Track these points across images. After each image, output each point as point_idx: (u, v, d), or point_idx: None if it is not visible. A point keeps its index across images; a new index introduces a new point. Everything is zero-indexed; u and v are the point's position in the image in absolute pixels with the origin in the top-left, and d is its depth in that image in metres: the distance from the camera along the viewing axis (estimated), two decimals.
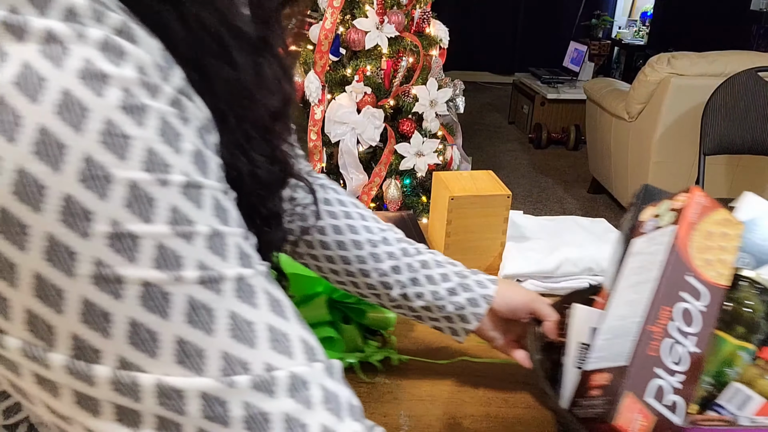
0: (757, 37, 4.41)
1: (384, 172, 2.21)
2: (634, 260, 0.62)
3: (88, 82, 0.27)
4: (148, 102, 0.29)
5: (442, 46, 2.30)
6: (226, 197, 0.33)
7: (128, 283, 0.28)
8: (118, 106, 0.28)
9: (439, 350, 0.83)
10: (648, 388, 0.51)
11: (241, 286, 0.31)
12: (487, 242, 1.03)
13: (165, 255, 0.28)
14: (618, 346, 0.54)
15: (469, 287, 0.69)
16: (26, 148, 0.26)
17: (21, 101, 0.26)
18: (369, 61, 2.17)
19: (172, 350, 0.28)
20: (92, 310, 0.27)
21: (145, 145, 0.28)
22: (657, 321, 0.53)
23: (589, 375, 0.56)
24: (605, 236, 1.09)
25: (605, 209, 3.42)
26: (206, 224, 0.30)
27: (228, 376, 0.29)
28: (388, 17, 2.14)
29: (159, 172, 0.28)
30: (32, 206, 0.26)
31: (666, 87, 2.65)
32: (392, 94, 2.21)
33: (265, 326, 0.31)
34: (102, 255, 0.27)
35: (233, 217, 0.32)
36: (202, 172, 0.31)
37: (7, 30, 0.27)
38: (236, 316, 0.30)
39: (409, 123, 2.21)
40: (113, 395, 0.28)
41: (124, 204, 0.27)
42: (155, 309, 0.28)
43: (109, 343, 0.28)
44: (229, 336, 0.29)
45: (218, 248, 0.30)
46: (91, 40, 0.28)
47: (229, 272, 0.30)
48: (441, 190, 1.04)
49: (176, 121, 0.30)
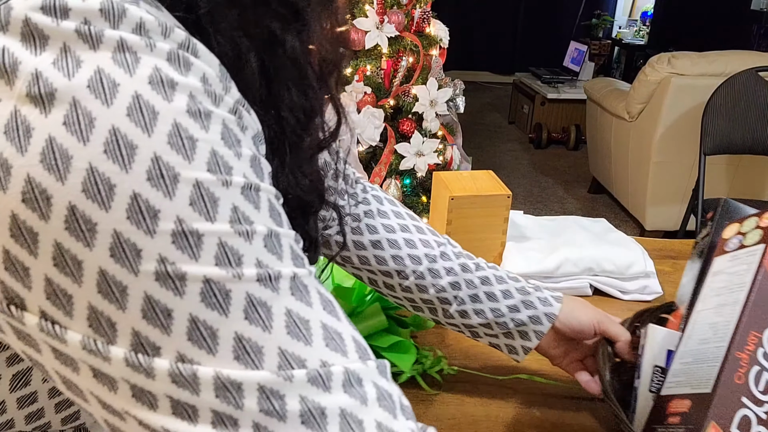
0: (757, 37, 4.40)
1: (384, 171, 2.21)
2: (716, 280, 0.59)
3: (158, 87, 0.29)
4: (212, 108, 0.31)
5: (442, 45, 2.30)
6: (278, 201, 0.34)
7: (190, 280, 0.28)
8: (185, 110, 0.29)
9: (495, 365, 0.79)
10: (734, 418, 0.48)
11: (296, 285, 0.31)
12: (487, 242, 1.03)
13: (226, 253, 0.29)
14: (698, 371, 0.52)
15: (531, 304, 0.67)
16: (98, 147, 0.27)
17: (94, 103, 0.27)
18: (369, 61, 2.17)
19: (230, 346, 0.29)
20: (154, 306, 0.28)
21: (210, 148, 0.30)
22: (744, 347, 0.51)
23: (665, 400, 0.54)
24: (605, 236, 1.09)
25: (605, 209, 3.42)
26: (264, 224, 0.31)
27: (285, 370, 0.29)
28: (388, 17, 2.14)
29: (222, 173, 0.30)
30: (101, 204, 0.27)
31: (666, 87, 2.65)
32: (392, 94, 2.21)
33: (320, 324, 0.31)
34: (166, 252, 0.28)
35: (285, 220, 0.34)
36: (258, 175, 0.32)
37: (81, 38, 0.28)
38: (292, 313, 0.31)
39: (409, 123, 2.21)
40: (171, 388, 0.28)
41: (189, 202, 0.29)
42: (215, 305, 0.29)
43: (170, 339, 0.28)
44: (286, 333, 0.30)
45: (275, 248, 0.31)
46: (160, 50, 0.29)
47: (286, 270, 0.31)
48: (441, 190, 1.04)
49: (236, 127, 0.32)
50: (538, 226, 1.13)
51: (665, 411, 0.53)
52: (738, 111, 2.12)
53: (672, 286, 1.00)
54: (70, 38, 0.28)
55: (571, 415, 0.72)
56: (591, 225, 1.14)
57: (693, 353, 0.55)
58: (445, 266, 0.67)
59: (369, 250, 0.67)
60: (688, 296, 0.64)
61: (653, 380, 0.59)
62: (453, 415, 0.72)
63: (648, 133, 2.78)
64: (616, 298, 0.98)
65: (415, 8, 2.22)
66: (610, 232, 1.11)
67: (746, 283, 0.54)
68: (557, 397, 0.76)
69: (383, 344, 0.73)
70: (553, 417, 0.72)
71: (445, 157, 2.28)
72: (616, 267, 0.98)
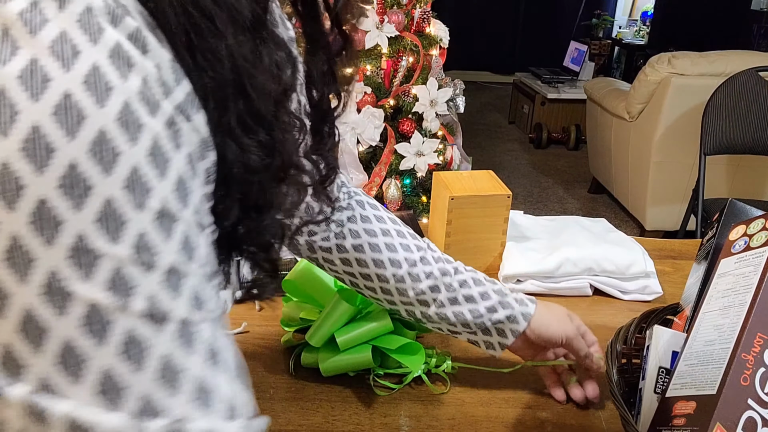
0: (757, 37, 4.40)
1: (384, 171, 2.21)
2: (722, 282, 0.59)
3: (92, 88, 0.27)
4: (145, 120, 0.28)
5: (442, 45, 2.30)
6: (201, 233, 0.32)
7: (76, 301, 0.27)
8: (115, 118, 0.27)
9: (497, 365, 0.79)
10: (739, 420, 0.48)
11: (183, 330, 0.30)
12: (487, 242, 1.03)
13: (120, 279, 0.28)
14: (704, 373, 0.52)
15: (509, 304, 0.70)
16: (15, 144, 0.26)
17: (21, 97, 0.26)
18: (369, 61, 2.17)
19: (96, 379, 0.28)
20: (32, 321, 0.27)
21: (132, 164, 0.28)
22: (751, 348, 0.51)
23: (671, 402, 0.54)
24: (605, 236, 1.09)
25: (605, 209, 3.42)
26: (169, 258, 0.29)
27: (141, 418, 0.28)
28: (388, 17, 2.14)
29: (139, 194, 0.28)
30: (7, 203, 0.26)
31: (666, 87, 2.65)
32: (392, 94, 2.21)
33: (193, 376, 0.30)
34: (59, 266, 0.27)
35: (200, 256, 0.31)
36: (181, 202, 0.30)
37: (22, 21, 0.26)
38: (168, 358, 0.29)
39: (409, 123, 2.21)
40: (22, 420, 0.27)
41: (96, 218, 0.27)
42: (93, 333, 0.27)
43: (38, 359, 0.27)
44: (155, 378, 0.29)
45: (173, 285, 0.30)
46: (103, 45, 0.27)
47: (177, 312, 0.30)
48: (441, 190, 1.04)
49: (169, 144, 0.29)
50: (538, 226, 1.13)
51: (670, 412, 0.53)
52: (738, 111, 2.12)
53: (672, 286, 1.00)
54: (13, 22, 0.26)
55: (572, 416, 0.72)
56: (591, 225, 1.14)
57: (698, 355, 0.55)
58: (425, 270, 0.69)
59: (351, 254, 0.69)
60: (694, 298, 0.64)
61: (658, 381, 0.59)
62: (453, 415, 0.72)
63: (648, 133, 2.78)
64: (616, 298, 0.98)
65: (415, 8, 2.22)
66: (610, 232, 1.11)
67: (753, 284, 0.54)
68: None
69: (392, 346, 0.74)
70: (554, 417, 0.72)
71: (445, 157, 2.27)
72: (616, 267, 0.98)
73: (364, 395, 0.74)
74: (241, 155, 0.35)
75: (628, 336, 0.69)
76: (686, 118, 2.65)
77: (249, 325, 0.85)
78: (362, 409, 0.72)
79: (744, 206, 0.68)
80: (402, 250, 0.69)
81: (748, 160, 2.68)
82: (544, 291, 0.97)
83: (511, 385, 0.77)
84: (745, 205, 0.68)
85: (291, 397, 0.73)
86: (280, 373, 0.77)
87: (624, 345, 0.68)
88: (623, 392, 0.61)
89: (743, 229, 0.62)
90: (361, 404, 0.73)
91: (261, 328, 0.85)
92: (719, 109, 2.11)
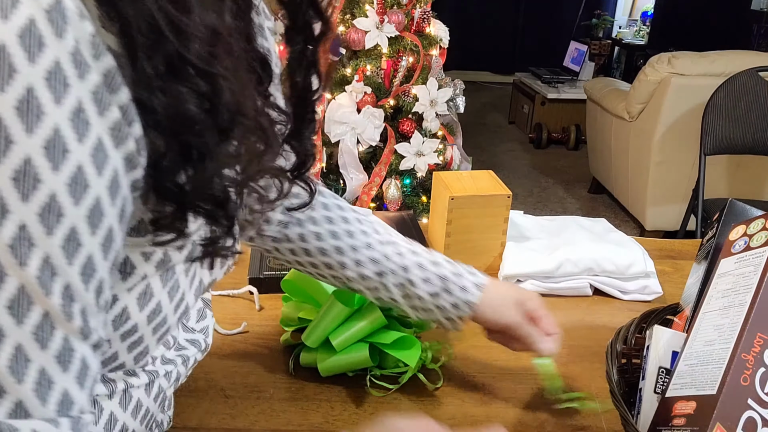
0: (757, 37, 4.40)
1: (384, 171, 2.21)
2: (721, 282, 0.59)
3: (26, 42, 0.27)
4: (73, 81, 0.29)
5: (442, 45, 2.29)
6: (112, 203, 0.32)
7: None
8: (44, 77, 0.28)
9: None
10: (739, 420, 0.48)
11: (43, 323, 0.31)
12: (487, 242, 1.03)
13: (22, 240, 0.29)
14: (704, 373, 0.52)
15: (451, 292, 0.67)
16: None
17: None
18: (369, 61, 2.17)
19: None
20: None
21: (54, 124, 0.28)
22: (751, 348, 0.51)
23: (670, 402, 0.54)
24: (605, 236, 1.09)
25: (605, 209, 3.42)
26: (70, 224, 0.30)
27: None
28: (388, 17, 2.14)
29: (57, 155, 0.29)
30: None
31: (666, 87, 2.65)
32: (392, 94, 2.21)
33: (39, 368, 0.31)
34: None
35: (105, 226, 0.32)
36: (97, 168, 0.31)
37: None
38: (20, 348, 0.30)
39: (409, 123, 2.21)
40: None
41: (11, 176, 0.28)
42: None
43: None
44: (5, 365, 0.30)
45: (47, 279, 0.30)
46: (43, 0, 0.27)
47: (47, 303, 0.30)
48: (441, 190, 1.04)
49: (92, 108, 0.30)
50: (538, 226, 1.13)
51: (670, 412, 0.53)
52: (738, 111, 2.12)
53: (672, 286, 1.00)
54: None
55: (572, 416, 0.72)
56: (591, 225, 1.14)
57: (698, 355, 0.55)
58: (369, 256, 0.67)
59: (296, 243, 0.68)
60: (694, 298, 0.64)
61: (658, 381, 0.59)
62: (453, 415, 0.72)
63: (648, 133, 2.78)
64: (616, 298, 0.98)
65: (415, 8, 2.22)
66: (610, 232, 1.11)
67: (753, 284, 0.54)
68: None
69: (386, 341, 0.73)
70: (554, 417, 0.72)
71: (445, 157, 2.27)
72: (616, 267, 0.98)
73: (364, 395, 0.74)
74: (173, 104, 0.33)
75: (628, 336, 0.69)
76: (686, 118, 2.65)
77: (249, 325, 0.85)
78: (362, 409, 0.72)
79: (744, 206, 0.68)
80: (347, 238, 0.68)
81: (748, 160, 2.68)
82: (544, 291, 0.97)
83: (511, 385, 0.77)
84: (745, 205, 0.68)
85: (290, 397, 0.73)
86: (280, 372, 0.77)
87: (624, 345, 0.67)
88: (623, 392, 0.61)
89: (743, 229, 0.62)
90: (361, 404, 0.73)
91: (261, 328, 0.85)
92: (719, 109, 2.11)
